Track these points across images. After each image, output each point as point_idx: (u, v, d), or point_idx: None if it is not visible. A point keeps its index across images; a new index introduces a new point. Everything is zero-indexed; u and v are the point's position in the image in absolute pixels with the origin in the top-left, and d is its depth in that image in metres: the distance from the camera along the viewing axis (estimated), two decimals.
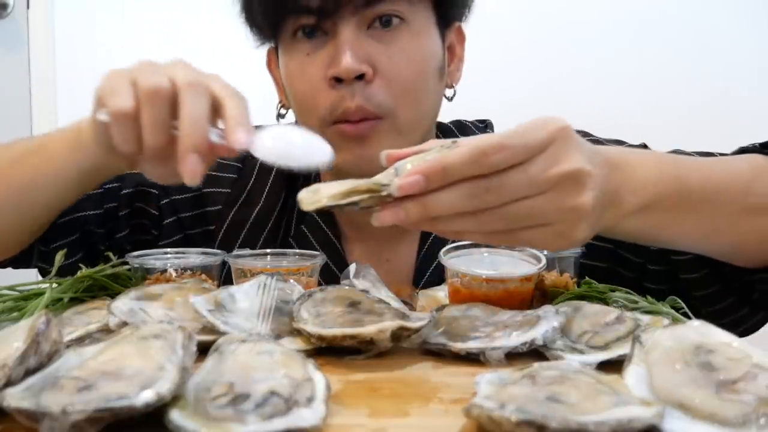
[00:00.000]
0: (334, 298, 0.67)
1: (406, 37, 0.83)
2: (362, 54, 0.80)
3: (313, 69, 0.83)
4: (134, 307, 0.65)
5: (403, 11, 0.83)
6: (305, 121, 0.87)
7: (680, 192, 0.64)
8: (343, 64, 0.79)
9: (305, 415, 0.42)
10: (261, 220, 0.96)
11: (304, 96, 0.84)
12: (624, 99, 1.98)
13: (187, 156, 0.59)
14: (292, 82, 0.86)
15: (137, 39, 1.99)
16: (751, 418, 0.42)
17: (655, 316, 0.66)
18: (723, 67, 1.99)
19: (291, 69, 0.85)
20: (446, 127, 1.03)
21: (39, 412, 0.40)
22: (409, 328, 0.59)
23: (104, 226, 0.93)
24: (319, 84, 0.82)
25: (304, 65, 0.83)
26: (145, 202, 0.95)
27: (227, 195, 0.97)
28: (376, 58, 0.81)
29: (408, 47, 0.83)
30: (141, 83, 0.62)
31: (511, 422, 0.40)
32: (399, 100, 0.83)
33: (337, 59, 0.80)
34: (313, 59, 0.83)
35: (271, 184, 0.97)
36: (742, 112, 2.00)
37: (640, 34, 1.98)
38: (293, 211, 0.97)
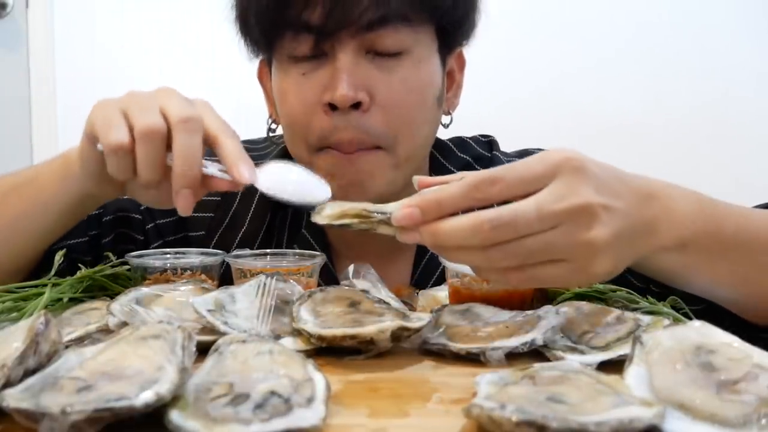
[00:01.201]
0: (335, 298, 0.67)
1: (407, 66, 0.79)
2: (360, 81, 0.76)
3: (308, 91, 0.79)
4: (134, 307, 0.65)
5: (406, 40, 0.78)
6: (293, 144, 0.84)
7: (717, 234, 0.62)
8: (339, 91, 0.75)
9: (305, 416, 0.42)
10: (247, 243, 0.92)
11: (296, 118, 0.81)
12: (624, 99, 1.98)
13: (181, 191, 0.61)
14: (284, 101, 0.82)
15: (137, 39, 1.99)
16: (751, 419, 0.41)
17: (656, 316, 0.66)
18: (723, 67, 1.99)
19: (284, 88, 0.82)
20: (444, 145, 0.98)
21: (38, 413, 0.40)
22: (410, 329, 0.59)
23: (90, 254, 0.90)
24: (313, 108, 0.79)
25: (299, 85, 0.80)
26: (128, 227, 0.92)
27: (210, 219, 0.93)
28: (374, 86, 0.77)
29: (409, 77, 0.79)
30: (136, 121, 0.62)
31: (511, 422, 0.40)
32: (397, 130, 0.80)
33: (334, 85, 0.76)
34: (309, 80, 0.79)
35: (255, 206, 0.93)
36: (742, 112, 2.00)
37: (640, 35, 1.98)
38: (282, 231, 0.94)
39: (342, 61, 0.76)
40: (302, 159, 0.82)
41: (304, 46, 0.78)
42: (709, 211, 0.62)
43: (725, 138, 2.00)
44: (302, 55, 0.79)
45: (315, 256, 0.80)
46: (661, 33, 1.99)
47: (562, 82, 1.98)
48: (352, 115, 0.77)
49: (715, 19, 1.99)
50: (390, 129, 0.79)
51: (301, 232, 0.93)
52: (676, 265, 0.61)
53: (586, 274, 0.55)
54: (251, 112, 1.93)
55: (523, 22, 1.96)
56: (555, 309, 0.65)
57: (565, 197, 0.52)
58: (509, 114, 1.91)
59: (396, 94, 0.78)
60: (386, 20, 0.75)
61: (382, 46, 0.77)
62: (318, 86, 0.78)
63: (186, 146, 0.61)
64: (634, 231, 0.56)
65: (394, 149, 0.80)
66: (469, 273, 0.73)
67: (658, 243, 0.59)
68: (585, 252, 0.53)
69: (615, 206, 0.54)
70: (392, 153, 0.80)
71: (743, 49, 1.98)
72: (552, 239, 0.52)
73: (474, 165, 0.96)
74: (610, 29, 1.98)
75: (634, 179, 0.58)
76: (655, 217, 0.58)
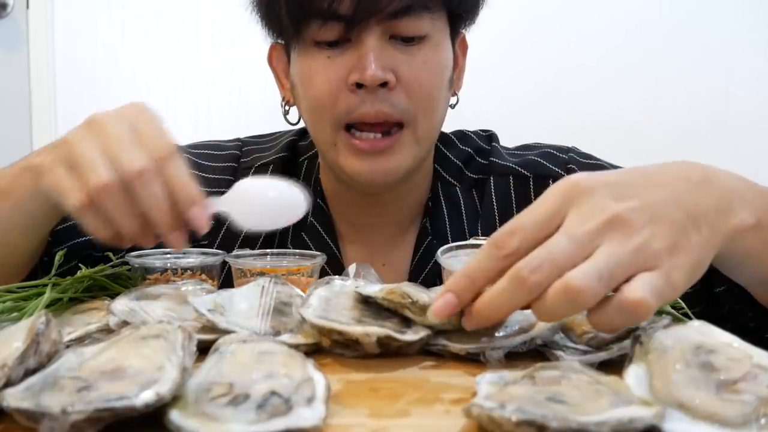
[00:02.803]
0: (351, 291, 0.67)
1: (426, 50, 0.85)
2: (386, 63, 0.82)
3: (333, 73, 0.84)
4: (134, 307, 0.65)
5: (425, 26, 0.85)
6: (317, 123, 0.88)
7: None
8: (368, 71, 0.81)
9: (305, 415, 0.42)
10: (253, 233, 0.95)
11: (321, 97, 0.85)
12: (623, 96, 1.98)
13: (168, 236, 0.64)
14: (309, 83, 0.86)
15: (137, 39, 1.99)
16: (751, 419, 0.41)
17: (656, 316, 0.66)
18: (722, 66, 1.99)
19: (309, 70, 0.86)
20: (447, 137, 1.03)
21: (39, 413, 0.40)
22: (398, 340, 0.58)
23: (101, 250, 0.90)
24: (339, 87, 0.84)
25: (325, 68, 0.85)
26: None
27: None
28: (398, 68, 0.83)
29: (429, 60, 0.86)
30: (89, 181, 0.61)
31: (511, 422, 0.40)
32: (419, 109, 0.86)
33: (362, 66, 0.82)
34: (335, 63, 0.84)
35: None
36: (741, 111, 2.00)
37: (639, 32, 1.98)
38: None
39: (369, 45, 0.82)
40: (325, 138, 0.87)
41: (331, 32, 0.83)
42: (757, 187, 0.61)
43: (724, 137, 2.00)
44: (328, 41, 0.84)
45: (315, 256, 0.81)
46: (660, 31, 1.99)
47: (561, 79, 1.98)
48: (379, 93, 0.83)
49: (715, 17, 1.99)
50: (412, 106, 0.85)
51: (308, 220, 0.96)
52: (757, 244, 0.57)
53: (668, 277, 0.49)
54: (251, 111, 1.94)
55: (522, 18, 1.96)
56: None
57: (589, 216, 0.50)
58: (508, 110, 1.91)
59: (418, 75, 0.85)
60: (410, 9, 0.82)
61: (405, 32, 0.84)
62: (343, 68, 0.83)
63: (149, 201, 0.61)
64: (698, 217, 0.52)
65: (415, 125, 0.86)
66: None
67: (737, 223, 0.55)
68: (646, 258, 0.49)
69: (647, 203, 0.51)
70: (413, 129, 0.86)
71: (743, 48, 1.98)
72: (603, 261, 0.48)
73: (475, 157, 1.01)
74: (609, 26, 1.98)
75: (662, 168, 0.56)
76: (721, 198, 0.55)
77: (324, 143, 0.88)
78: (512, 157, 1.01)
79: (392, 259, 0.98)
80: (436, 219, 0.97)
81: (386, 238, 0.98)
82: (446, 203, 0.97)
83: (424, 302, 0.61)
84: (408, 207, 0.98)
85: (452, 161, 1.00)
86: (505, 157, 1.01)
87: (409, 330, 0.61)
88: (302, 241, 0.97)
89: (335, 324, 0.59)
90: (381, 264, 0.97)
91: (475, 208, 0.98)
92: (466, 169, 1.00)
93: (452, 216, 0.97)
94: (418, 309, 0.61)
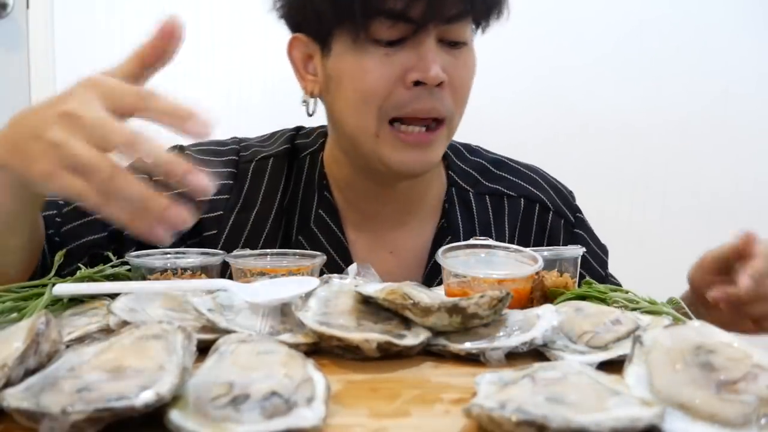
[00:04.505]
0: (351, 290, 0.67)
1: (466, 54, 0.94)
2: (441, 64, 0.89)
3: (390, 70, 0.89)
4: (134, 307, 0.65)
5: (468, 33, 0.93)
6: (362, 113, 0.91)
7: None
8: (432, 72, 0.87)
9: (305, 415, 0.42)
10: (260, 221, 1.00)
11: (376, 90, 0.89)
12: (622, 98, 1.98)
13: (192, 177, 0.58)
14: (362, 77, 0.90)
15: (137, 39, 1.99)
16: (751, 419, 0.42)
17: (656, 316, 0.66)
18: (722, 66, 1.99)
19: (364, 66, 0.90)
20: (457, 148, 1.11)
21: (39, 413, 0.40)
22: (398, 345, 0.58)
23: (109, 248, 0.92)
24: (395, 83, 0.89)
25: (382, 64, 0.89)
26: None
27: (226, 201, 1.00)
28: (448, 70, 0.90)
29: (468, 63, 0.94)
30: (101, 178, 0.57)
31: (511, 422, 0.40)
32: (458, 107, 0.94)
33: (424, 66, 0.88)
34: (392, 60, 0.89)
35: (266, 187, 1.02)
36: (741, 112, 2.00)
37: (639, 33, 1.98)
38: (294, 210, 1.02)
39: (429, 47, 0.88)
40: (369, 129, 0.91)
41: (397, 32, 0.88)
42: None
43: (724, 137, 2.00)
44: (387, 39, 0.88)
45: (315, 256, 0.81)
46: (659, 31, 1.98)
47: (560, 80, 1.98)
48: (435, 91, 0.89)
49: (715, 18, 1.99)
50: (454, 105, 0.93)
51: (315, 211, 1.01)
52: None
53: None
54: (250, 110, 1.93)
55: (521, 19, 1.95)
56: (554, 309, 0.65)
57: None
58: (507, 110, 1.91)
59: (461, 77, 0.93)
60: (462, 15, 0.90)
61: (454, 37, 0.91)
62: (401, 66, 0.89)
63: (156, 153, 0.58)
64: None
65: (452, 122, 0.94)
66: (467, 274, 0.73)
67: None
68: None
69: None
70: (450, 126, 0.94)
71: (742, 48, 1.98)
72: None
73: (490, 168, 1.09)
74: (608, 26, 1.98)
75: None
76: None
77: (365, 133, 0.92)
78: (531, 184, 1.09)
79: (398, 248, 1.03)
80: (449, 218, 1.04)
81: (393, 227, 1.03)
82: (459, 205, 1.05)
83: (425, 304, 0.61)
84: (416, 197, 1.04)
85: (465, 169, 1.08)
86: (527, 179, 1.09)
87: (409, 332, 0.61)
88: (310, 231, 1.01)
89: (335, 330, 0.59)
90: (388, 252, 1.03)
91: (486, 213, 1.06)
92: (481, 178, 1.08)
93: (464, 217, 1.04)
94: (419, 310, 0.61)
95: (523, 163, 1.13)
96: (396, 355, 0.59)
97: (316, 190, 1.02)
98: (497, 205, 1.06)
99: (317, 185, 1.02)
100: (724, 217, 1.92)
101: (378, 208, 1.02)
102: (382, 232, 1.03)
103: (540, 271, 0.78)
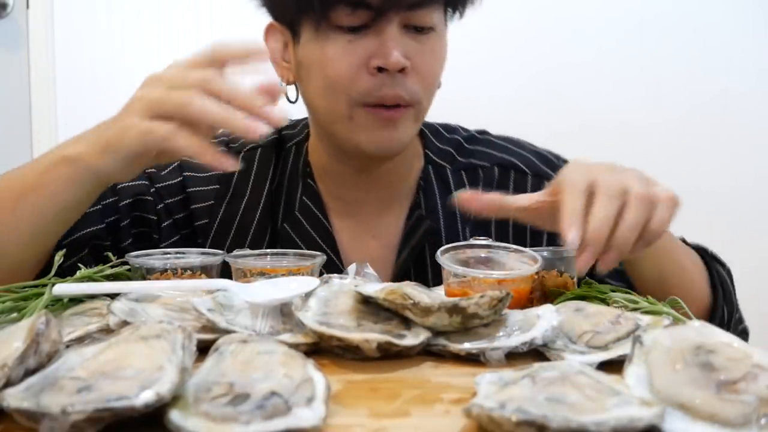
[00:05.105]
0: (350, 290, 0.67)
1: (434, 40, 0.93)
2: (404, 50, 0.89)
3: (354, 56, 0.89)
4: (134, 307, 0.65)
5: (434, 18, 0.93)
6: (332, 99, 0.92)
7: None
8: (392, 58, 0.87)
9: (305, 415, 0.42)
10: (250, 211, 1.02)
11: (340, 77, 0.90)
12: (621, 97, 1.98)
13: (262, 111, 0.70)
14: (327, 64, 0.91)
15: (137, 39, 1.99)
16: (751, 419, 0.42)
17: (656, 316, 0.66)
18: (722, 64, 1.99)
19: (328, 52, 0.91)
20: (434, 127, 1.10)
21: (39, 413, 0.40)
22: (398, 345, 0.58)
23: (108, 239, 0.97)
24: (359, 69, 0.90)
25: (345, 51, 0.90)
26: (142, 210, 1.00)
27: (217, 190, 1.03)
28: (412, 55, 0.90)
29: (435, 48, 0.94)
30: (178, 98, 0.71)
31: (511, 422, 0.40)
32: (425, 93, 0.94)
33: (385, 52, 0.88)
34: (355, 47, 0.89)
35: (254, 177, 1.04)
36: (740, 110, 2.00)
37: (638, 30, 1.98)
38: (279, 200, 1.04)
39: (391, 33, 0.89)
40: (341, 113, 0.92)
41: (358, 18, 0.88)
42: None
43: (723, 135, 1.99)
44: (351, 26, 0.89)
45: (315, 256, 0.81)
46: (659, 29, 1.98)
47: (559, 78, 1.98)
48: (397, 77, 0.90)
49: (714, 16, 1.99)
50: (420, 91, 0.93)
51: (300, 198, 1.03)
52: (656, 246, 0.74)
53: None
54: None
55: (520, 16, 1.96)
56: (554, 308, 0.65)
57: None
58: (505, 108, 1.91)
59: (427, 63, 0.93)
60: (424, 2, 0.90)
61: (419, 23, 0.91)
62: (364, 52, 0.89)
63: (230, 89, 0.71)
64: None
65: (419, 107, 0.94)
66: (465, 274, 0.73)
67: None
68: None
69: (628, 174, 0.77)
70: (417, 109, 0.94)
71: (742, 46, 1.98)
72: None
73: (465, 144, 1.09)
74: (608, 24, 1.98)
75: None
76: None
77: (339, 117, 0.93)
78: (505, 152, 1.08)
79: (382, 233, 1.03)
80: (427, 196, 1.04)
81: (376, 212, 1.04)
82: (437, 182, 1.05)
83: (425, 304, 0.61)
84: (394, 183, 1.04)
85: (442, 148, 1.08)
86: (501, 148, 1.08)
87: (409, 333, 0.61)
88: (295, 218, 1.02)
89: (335, 331, 0.59)
90: (371, 237, 1.03)
91: (464, 188, 1.05)
92: (457, 154, 1.07)
93: (443, 194, 1.04)
94: (419, 310, 0.61)
95: (502, 135, 1.12)
96: (396, 355, 0.59)
97: (301, 178, 1.03)
98: (473, 179, 1.05)
99: (301, 173, 1.03)
100: (724, 215, 1.92)
101: (359, 195, 1.03)
102: (365, 217, 1.03)
103: (540, 271, 0.78)
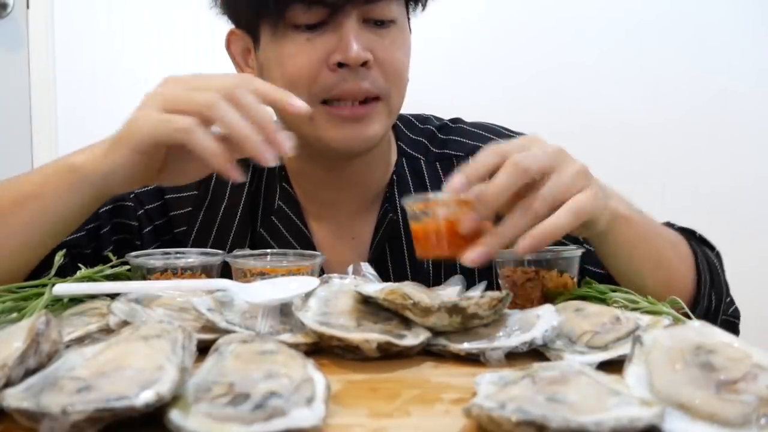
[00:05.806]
0: (350, 290, 0.67)
1: (395, 33, 0.93)
2: (364, 44, 0.89)
3: (313, 53, 0.89)
4: (134, 307, 0.65)
5: (394, 11, 0.92)
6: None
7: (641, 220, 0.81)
8: (352, 52, 0.87)
9: (305, 415, 0.42)
10: (228, 217, 1.02)
11: (301, 75, 0.90)
12: (621, 96, 1.98)
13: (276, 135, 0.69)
14: (287, 63, 0.91)
15: (137, 39, 1.99)
16: (751, 419, 0.42)
17: (656, 316, 0.66)
18: (721, 64, 1.99)
19: (287, 51, 0.91)
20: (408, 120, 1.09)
21: (39, 413, 0.40)
22: (397, 345, 0.58)
23: (89, 246, 0.96)
24: (319, 66, 0.89)
25: (304, 49, 0.90)
26: (123, 216, 0.99)
27: (195, 197, 1.02)
28: (374, 49, 0.90)
29: (398, 41, 0.94)
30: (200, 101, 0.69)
31: (511, 422, 0.40)
32: (393, 85, 0.93)
33: (344, 47, 0.88)
34: (314, 44, 0.89)
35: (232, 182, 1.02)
36: (740, 110, 2.00)
37: (638, 31, 1.98)
38: (258, 202, 1.03)
39: (349, 28, 0.88)
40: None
41: (314, 16, 0.88)
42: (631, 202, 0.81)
43: (723, 135, 1.99)
44: (308, 24, 0.89)
45: (315, 256, 0.81)
46: (659, 29, 1.98)
47: (559, 78, 1.98)
48: (360, 71, 0.90)
49: (714, 16, 1.99)
50: (387, 82, 0.92)
51: (276, 204, 1.02)
52: (629, 237, 0.76)
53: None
54: None
55: (521, 17, 1.96)
56: (554, 308, 0.65)
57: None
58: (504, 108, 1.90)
59: (390, 55, 0.92)
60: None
61: (378, 16, 0.91)
62: (323, 49, 0.89)
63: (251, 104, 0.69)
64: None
65: (389, 99, 0.94)
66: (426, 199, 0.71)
67: (614, 205, 0.74)
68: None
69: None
70: (387, 102, 0.94)
71: (742, 46, 1.98)
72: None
73: (437, 134, 1.08)
74: (608, 24, 1.97)
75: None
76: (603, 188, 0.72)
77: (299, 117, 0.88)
78: (479, 140, 1.05)
79: (360, 232, 1.03)
80: (401, 190, 1.03)
81: (353, 213, 1.03)
82: (411, 176, 1.04)
83: (425, 304, 0.61)
84: (372, 181, 1.03)
85: (415, 138, 1.07)
86: (474, 136, 1.07)
87: (409, 333, 0.61)
88: (271, 223, 1.01)
89: (335, 331, 0.59)
90: (350, 238, 1.03)
91: (439, 180, 1.04)
92: (430, 145, 1.07)
93: (417, 188, 1.03)
94: (419, 310, 0.61)
95: (477, 122, 1.11)
96: (396, 355, 0.59)
97: (278, 182, 1.02)
98: (447, 170, 1.01)
99: (278, 177, 1.03)
100: (724, 215, 1.92)
101: (334, 195, 1.02)
102: (342, 218, 1.03)
103: (540, 270, 0.78)
